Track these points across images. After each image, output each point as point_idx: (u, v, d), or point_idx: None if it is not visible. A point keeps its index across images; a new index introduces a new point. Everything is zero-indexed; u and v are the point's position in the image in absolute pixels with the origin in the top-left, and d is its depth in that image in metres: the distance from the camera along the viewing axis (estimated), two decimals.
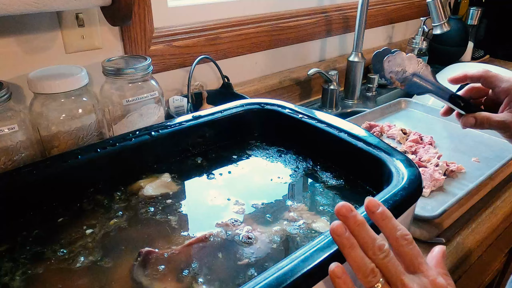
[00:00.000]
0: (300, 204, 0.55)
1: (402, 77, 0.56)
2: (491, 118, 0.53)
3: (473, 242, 0.64)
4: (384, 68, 0.55)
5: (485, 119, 0.53)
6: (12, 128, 0.56)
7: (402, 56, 0.55)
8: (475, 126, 0.54)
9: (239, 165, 0.65)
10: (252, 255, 0.47)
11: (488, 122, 0.53)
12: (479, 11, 1.46)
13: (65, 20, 0.70)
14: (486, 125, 0.53)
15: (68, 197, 0.54)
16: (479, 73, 0.56)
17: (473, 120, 0.54)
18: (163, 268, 0.44)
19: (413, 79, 0.56)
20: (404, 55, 0.56)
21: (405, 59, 0.56)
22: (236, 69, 1.01)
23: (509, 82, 0.53)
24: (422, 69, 0.56)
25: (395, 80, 0.55)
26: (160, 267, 0.44)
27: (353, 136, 0.58)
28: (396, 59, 0.55)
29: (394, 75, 0.55)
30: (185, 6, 0.89)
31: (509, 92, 0.53)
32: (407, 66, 0.56)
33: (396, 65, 0.55)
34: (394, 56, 0.55)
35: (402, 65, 0.55)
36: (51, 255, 0.46)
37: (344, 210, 0.35)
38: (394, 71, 0.55)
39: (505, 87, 0.53)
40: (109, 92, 0.67)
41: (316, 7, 1.15)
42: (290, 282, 0.34)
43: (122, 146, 0.57)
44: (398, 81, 0.55)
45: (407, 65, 0.56)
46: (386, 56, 0.55)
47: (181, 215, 0.53)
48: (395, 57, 0.55)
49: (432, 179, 0.71)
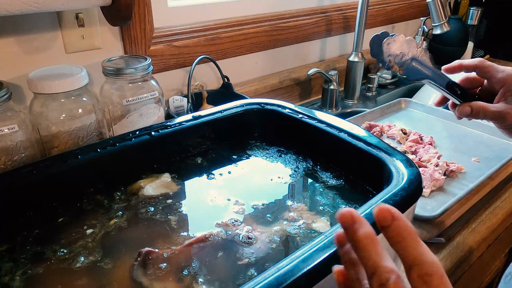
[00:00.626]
0: (300, 204, 0.55)
1: (401, 61, 0.54)
2: (487, 108, 0.52)
3: (473, 242, 0.64)
4: (383, 51, 0.53)
5: (481, 109, 0.52)
6: (12, 128, 0.56)
7: (402, 39, 0.54)
8: (471, 115, 0.53)
9: (239, 165, 0.65)
10: (252, 255, 0.47)
11: (483, 112, 0.52)
12: (479, 11, 1.46)
13: (65, 20, 0.70)
14: (481, 114, 0.52)
15: (68, 197, 0.54)
16: (474, 62, 0.55)
17: (469, 109, 0.53)
18: (163, 268, 0.44)
19: (411, 64, 0.54)
20: (404, 38, 0.54)
21: (404, 43, 0.54)
22: (236, 69, 1.01)
23: (505, 72, 0.52)
24: (421, 53, 0.54)
25: (393, 63, 0.54)
26: (160, 267, 0.44)
27: (353, 136, 0.58)
28: (395, 42, 0.54)
29: (393, 58, 0.54)
30: (185, 6, 0.89)
31: (504, 82, 0.52)
32: (406, 49, 0.54)
33: (395, 48, 0.54)
34: (393, 39, 0.54)
35: (401, 49, 0.54)
36: (51, 255, 0.46)
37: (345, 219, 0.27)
38: (393, 54, 0.54)
39: (501, 77, 0.52)
40: (109, 92, 0.67)
41: (316, 7, 1.15)
42: (290, 282, 0.34)
43: (122, 146, 0.57)
44: (396, 65, 0.54)
45: (406, 49, 0.54)
46: (385, 38, 0.54)
47: (181, 215, 0.53)
48: (394, 40, 0.54)
49: (432, 179, 0.71)
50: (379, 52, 0.53)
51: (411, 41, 0.54)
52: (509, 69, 0.53)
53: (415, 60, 0.54)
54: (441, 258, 0.60)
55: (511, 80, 0.52)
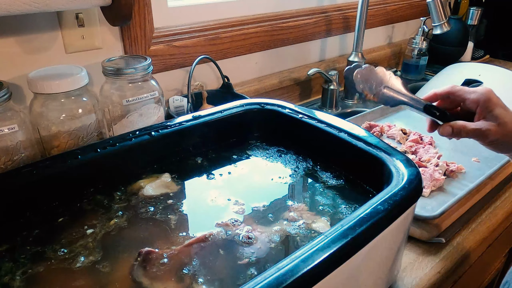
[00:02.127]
0: (300, 204, 0.55)
1: (374, 90, 0.57)
2: (467, 127, 0.53)
3: (473, 242, 0.64)
4: (355, 82, 0.56)
5: (461, 128, 0.53)
6: (12, 128, 0.56)
7: (372, 69, 0.57)
8: (452, 135, 0.54)
9: (239, 165, 0.65)
10: (252, 255, 0.47)
11: (464, 130, 0.53)
12: (479, 11, 1.46)
13: (65, 20, 0.70)
14: (463, 133, 0.54)
15: (68, 197, 0.54)
16: (446, 89, 0.57)
17: (450, 129, 0.54)
18: (163, 268, 0.44)
19: (384, 92, 0.56)
20: (374, 68, 0.57)
21: (374, 73, 0.57)
22: (236, 69, 1.01)
23: (476, 92, 0.54)
24: (394, 81, 0.57)
25: (367, 93, 0.57)
26: (160, 267, 0.44)
27: (353, 136, 0.58)
28: (366, 73, 0.57)
29: (367, 88, 0.56)
30: (185, 6, 0.89)
31: (478, 102, 0.53)
32: (378, 79, 0.57)
33: (367, 78, 0.57)
34: (364, 70, 0.57)
35: (373, 79, 0.57)
36: (51, 255, 0.46)
37: None
38: (365, 84, 0.57)
39: (474, 98, 0.54)
40: (109, 92, 0.67)
41: (316, 7, 1.15)
42: (290, 282, 0.34)
43: (122, 146, 0.57)
44: (370, 94, 0.56)
45: (378, 78, 0.57)
46: (356, 70, 0.57)
47: (181, 215, 0.53)
48: (365, 71, 0.57)
49: (432, 179, 0.71)
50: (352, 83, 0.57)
51: (381, 71, 0.57)
52: (479, 89, 0.54)
53: (387, 88, 0.56)
54: (441, 258, 0.60)
55: (483, 99, 0.53)
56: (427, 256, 0.60)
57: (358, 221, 0.40)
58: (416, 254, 0.60)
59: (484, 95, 0.53)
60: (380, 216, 0.42)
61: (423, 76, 1.35)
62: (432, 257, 0.60)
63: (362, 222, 0.40)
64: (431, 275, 0.57)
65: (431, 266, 0.58)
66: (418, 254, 0.60)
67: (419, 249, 0.61)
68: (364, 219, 0.41)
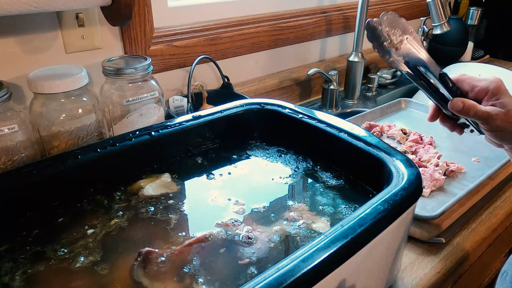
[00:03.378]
0: (300, 204, 0.55)
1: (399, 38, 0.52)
2: (477, 107, 0.53)
3: (473, 242, 0.64)
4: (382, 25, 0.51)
5: (472, 106, 0.53)
6: (12, 128, 0.56)
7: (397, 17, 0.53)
8: (462, 111, 0.53)
9: (239, 165, 0.65)
10: (252, 255, 0.47)
11: (474, 109, 0.52)
12: (479, 11, 1.46)
13: (65, 20, 0.70)
14: (472, 112, 0.53)
15: (68, 197, 0.54)
16: (455, 77, 0.56)
17: (461, 105, 0.53)
18: (163, 268, 0.44)
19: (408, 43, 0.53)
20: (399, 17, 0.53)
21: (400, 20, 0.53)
22: (236, 69, 1.01)
23: (486, 80, 0.54)
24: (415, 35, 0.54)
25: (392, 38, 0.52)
26: (160, 267, 0.44)
27: (353, 136, 0.58)
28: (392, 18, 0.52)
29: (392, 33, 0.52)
30: (185, 6, 0.89)
31: (487, 89, 0.53)
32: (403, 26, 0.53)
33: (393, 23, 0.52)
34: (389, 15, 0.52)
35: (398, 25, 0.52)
36: (51, 254, 0.46)
37: None
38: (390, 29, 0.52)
39: (483, 85, 0.54)
40: (109, 92, 0.67)
41: (316, 7, 1.15)
42: (290, 282, 0.34)
43: (122, 146, 0.57)
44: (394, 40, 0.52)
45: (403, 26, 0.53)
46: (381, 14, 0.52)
47: (181, 215, 0.53)
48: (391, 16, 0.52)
49: (432, 179, 0.71)
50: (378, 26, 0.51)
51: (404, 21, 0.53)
52: (488, 78, 0.54)
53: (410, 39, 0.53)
54: (441, 258, 0.60)
55: (493, 86, 0.53)
56: (427, 256, 0.60)
57: (358, 221, 0.40)
58: (416, 254, 0.60)
59: (494, 82, 0.53)
60: (380, 216, 0.42)
61: None
62: (432, 257, 0.60)
63: (362, 222, 0.40)
64: (431, 275, 0.57)
65: (431, 266, 0.58)
66: (418, 254, 0.60)
67: (419, 249, 0.61)
68: (364, 219, 0.41)
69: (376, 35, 0.51)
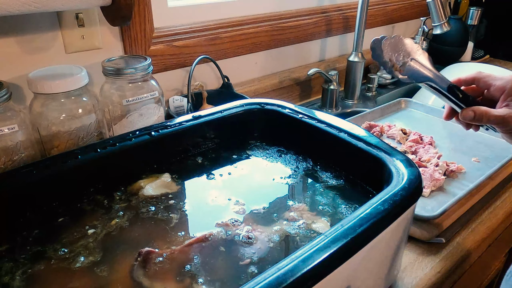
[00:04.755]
0: (300, 204, 0.55)
1: (401, 61, 0.53)
2: (490, 113, 0.52)
3: (473, 242, 0.64)
4: (383, 51, 0.53)
5: (484, 113, 0.52)
6: (12, 128, 0.56)
7: (401, 40, 0.54)
8: (474, 120, 0.53)
9: (239, 165, 0.65)
10: (252, 255, 0.47)
11: (487, 116, 0.52)
12: (479, 11, 1.46)
13: (65, 20, 0.70)
14: (485, 119, 0.52)
15: (68, 197, 0.54)
16: (472, 75, 0.56)
17: (472, 114, 0.53)
18: (163, 268, 0.44)
19: (412, 65, 0.54)
20: (403, 39, 0.54)
21: (403, 43, 0.54)
22: (236, 69, 1.01)
23: (503, 79, 0.53)
24: (421, 55, 0.54)
25: (394, 62, 0.53)
26: (160, 267, 0.44)
27: (353, 136, 0.58)
28: (395, 42, 0.53)
29: (394, 58, 0.53)
30: (185, 6, 0.89)
31: (504, 89, 0.53)
32: (406, 49, 0.54)
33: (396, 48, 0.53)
34: (392, 39, 0.53)
35: (402, 49, 0.54)
36: (51, 254, 0.46)
37: None
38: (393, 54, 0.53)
39: (500, 84, 0.53)
40: (109, 92, 0.67)
41: (316, 7, 1.15)
42: (290, 282, 0.34)
43: (122, 146, 0.57)
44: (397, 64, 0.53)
45: (406, 49, 0.54)
46: (385, 38, 0.53)
47: (181, 215, 0.53)
48: (394, 40, 0.53)
49: (432, 179, 0.71)
50: (380, 52, 0.53)
51: (411, 42, 0.54)
52: (507, 76, 0.53)
53: (414, 60, 0.54)
54: (441, 258, 0.60)
55: (510, 86, 0.52)
56: (427, 256, 0.60)
57: (358, 221, 0.40)
58: (416, 254, 0.60)
59: (510, 82, 0.52)
60: (380, 216, 0.42)
61: None
62: (432, 257, 0.60)
63: (362, 222, 0.40)
64: (431, 275, 0.57)
65: (431, 266, 0.58)
66: (418, 254, 0.60)
67: (419, 249, 0.61)
68: (364, 219, 0.41)
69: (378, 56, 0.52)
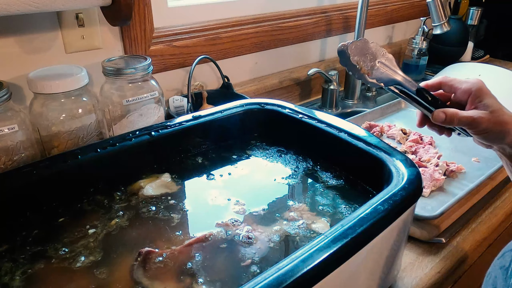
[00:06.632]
0: (300, 204, 0.55)
1: (369, 64, 0.53)
2: (460, 114, 0.53)
3: (473, 242, 0.64)
4: (350, 54, 0.52)
5: (454, 114, 0.53)
6: (12, 128, 0.56)
7: (367, 42, 0.53)
8: (445, 122, 0.54)
9: (239, 165, 0.65)
10: (252, 255, 0.47)
11: (457, 117, 0.53)
12: (479, 11, 1.46)
13: (65, 20, 0.70)
14: (455, 120, 0.53)
15: (68, 197, 0.54)
16: (438, 80, 0.56)
17: (443, 115, 0.53)
18: (163, 268, 0.44)
19: (380, 67, 0.53)
20: (369, 42, 0.54)
21: (371, 47, 0.53)
22: (236, 69, 1.01)
23: (468, 82, 0.54)
24: (388, 58, 0.54)
25: (362, 66, 0.53)
26: (160, 267, 0.44)
27: (353, 136, 0.58)
28: (361, 45, 0.53)
29: (361, 61, 0.53)
30: (185, 6, 0.89)
31: (470, 91, 0.53)
32: (374, 53, 0.53)
33: (363, 51, 0.53)
34: (358, 42, 0.53)
35: (369, 52, 0.53)
36: (52, 254, 0.46)
37: None
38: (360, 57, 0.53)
39: (466, 87, 0.54)
40: (109, 92, 0.67)
41: (316, 7, 1.15)
42: (290, 282, 0.34)
43: (122, 146, 0.57)
44: (365, 68, 0.53)
45: (374, 53, 0.53)
46: (351, 42, 0.53)
47: (181, 215, 0.53)
48: (360, 43, 0.53)
49: (432, 179, 0.71)
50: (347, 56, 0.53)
51: (377, 46, 0.54)
52: (471, 79, 0.54)
53: (381, 63, 0.54)
54: (441, 258, 0.60)
55: (475, 88, 0.53)
56: (427, 256, 0.60)
57: (358, 221, 0.40)
58: (416, 254, 0.60)
59: (476, 84, 0.53)
60: (380, 216, 0.42)
61: (423, 76, 1.35)
62: (432, 257, 0.60)
63: (362, 222, 0.40)
64: (431, 275, 0.57)
65: (431, 266, 0.58)
66: (418, 254, 0.60)
67: (419, 249, 0.61)
68: (364, 219, 0.41)
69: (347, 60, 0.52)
